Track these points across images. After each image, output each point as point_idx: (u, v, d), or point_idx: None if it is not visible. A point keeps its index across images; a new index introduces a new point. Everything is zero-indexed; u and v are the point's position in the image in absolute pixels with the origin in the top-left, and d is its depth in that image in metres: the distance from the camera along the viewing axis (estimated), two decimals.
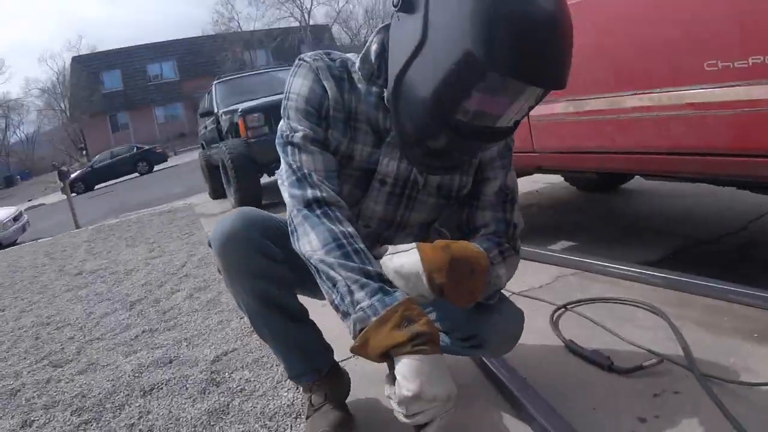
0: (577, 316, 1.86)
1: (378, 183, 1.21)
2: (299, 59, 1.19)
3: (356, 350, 0.96)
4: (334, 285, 0.99)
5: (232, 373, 1.91)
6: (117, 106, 35.33)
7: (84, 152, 32.65)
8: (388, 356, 0.94)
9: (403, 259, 1.06)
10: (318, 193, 1.07)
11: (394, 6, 1.00)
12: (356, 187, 1.21)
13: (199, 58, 35.98)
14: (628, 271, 2.07)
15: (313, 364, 1.35)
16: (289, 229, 1.08)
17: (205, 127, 7.63)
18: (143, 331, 2.52)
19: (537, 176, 3.94)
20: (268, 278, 1.22)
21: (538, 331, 1.76)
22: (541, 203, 3.76)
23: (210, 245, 1.24)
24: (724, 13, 1.46)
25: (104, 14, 74.01)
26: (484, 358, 1.54)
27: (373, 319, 0.93)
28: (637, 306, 1.85)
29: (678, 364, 1.45)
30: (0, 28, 77.09)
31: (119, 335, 2.56)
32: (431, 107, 0.97)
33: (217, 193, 7.20)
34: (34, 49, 73.54)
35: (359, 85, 1.17)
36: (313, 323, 1.38)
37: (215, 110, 6.75)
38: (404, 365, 0.92)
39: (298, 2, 34.61)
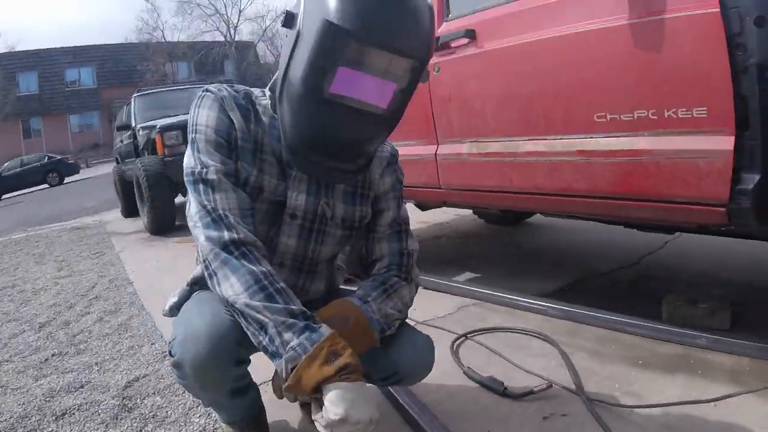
0: (476, 344, 2.00)
1: (289, 217, 1.23)
2: (203, 90, 1.18)
3: (290, 388, 1.00)
4: (262, 327, 1.01)
5: (144, 399, 1.90)
6: (31, 110, 33.22)
7: None
8: (318, 389, 0.99)
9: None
10: (235, 235, 1.07)
11: (282, 25, 1.06)
12: (268, 221, 1.23)
13: (120, 66, 34.65)
14: (525, 302, 2.25)
15: (248, 413, 1.42)
16: (207, 272, 1.08)
17: (121, 141, 7.37)
18: (53, 354, 2.45)
19: (447, 208, 4.15)
20: (240, 377, 1.26)
21: (439, 359, 1.85)
22: (449, 234, 3.95)
23: (171, 353, 1.16)
24: (615, 69, 1.65)
25: (25, 12, 69.68)
26: (396, 395, 1.62)
27: (303, 357, 0.98)
28: (532, 335, 2.01)
29: (567, 389, 1.60)
30: None
31: (28, 357, 2.47)
32: (303, 90, 1.03)
33: (130, 211, 6.95)
34: None
35: (264, 117, 1.20)
36: (253, 385, 1.42)
37: (133, 124, 6.55)
38: (332, 392, 0.98)
39: (225, 17, 34.22)
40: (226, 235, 1.07)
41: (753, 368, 1.53)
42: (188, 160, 1.15)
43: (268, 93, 1.22)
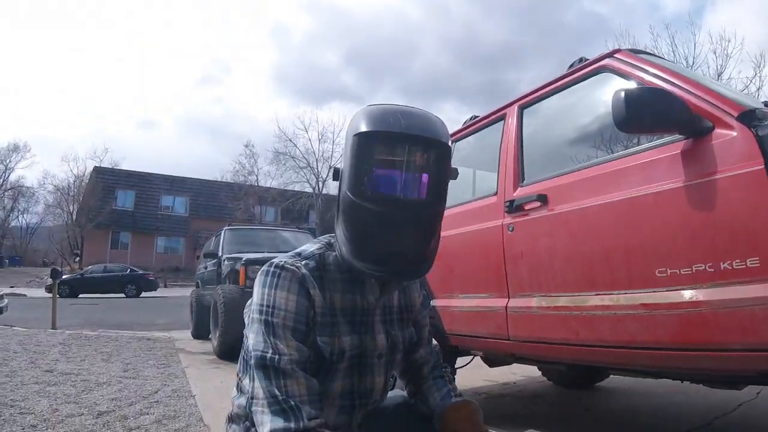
0: None
1: (377, 359, 1.33)
2: (276, 266, 1.19)
3: None
4: None
5: None
6: (123, 224, 35.93)
7: (77, 259, 32.38)
8: None
9: None
10: (300, 425, 1.07)
11: (333, 179, 1.23)
12: (351, 374, 1.29)
13: (212, 201, 37.25)
14: None
15: None
16: None
17: (205, 267, 7.87)
18: None
19: (516, 368, 4.11)
20: None
21: None
22: (515, 394, 3.87)
23: None
24: (673, 228, 1.78)
25: (134, 135, 78.14)
26: None
27: None
28: None
29: None
30: (33, 114, 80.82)
31: None
32: (350, 200, 1.15)
33: (200, 333, 7.23)
34: (60, 148, 76.71)
35: (336, 274, 1.26)
36: None
37: (219, 253, 7.05)
38: None
39: (315, 171, 36.66)
40: (292, 426, 1.07)
41: None
42: (257, 341, 1.14)
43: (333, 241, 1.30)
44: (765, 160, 1.56)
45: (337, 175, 1.22)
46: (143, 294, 21.92)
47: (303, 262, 1.22)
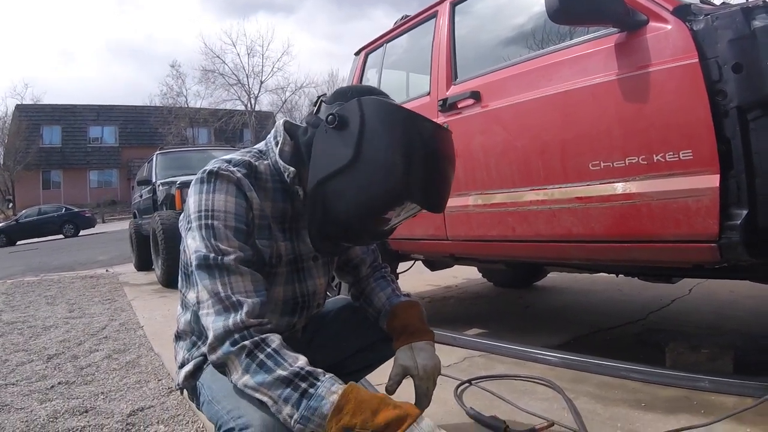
0: (479, 390, 2.03)
1: (312, 261, 1.36)
2: (209, 173, 1.16)
3: None
4: (268, 405, 1.02)
5: (147, 426, 1.93)
6: (52, 162, 34.12)
7: (10, 205, 30.91)
8: None
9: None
10: (244, 319, 1.06)
11: (328, 123, 1.11)
12: (291, 280, 1.33)
13: (142, 128, 35.62)
14: (529, 352, 2.29)
15: None
16: (211, 356, 1.08)
17: (140, 196, 7.60)
18: (59, 383, 2.49)
19: (457, 271, 4.24)
20: None
21: (443, 402, 1.91)
22: (458, 296, 4.00)
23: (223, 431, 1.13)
24: (607, 121, 1.79)
25: (54, 69, 72.51)
26: None
27: (317, 421, 0.97)
28: (535, 382, 2.04)
29: (569, 428, 1.63)
30: None
31: (35, 383, 2.52)
32: (354, 217, 1.12)
33: (143, 264, 7.09)
34: None
35: (268, 184, 1.24)
36: None
37: (153, 180, 6.81)
38: None
39: (246, 87, 35.40)
40: (231, 321, 1.05)
41: (757, 408, 1.54)
42: (198, 246, 1.12)
43: (275, 157, 1.26)
44: (699, 54, 1.55)
45: (343, 124, 1.11)
46: (82, 232, 21.24)
47: (235, 168, 1.19)
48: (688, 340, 2.10)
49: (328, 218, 1.15)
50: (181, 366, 1.35)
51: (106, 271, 7.74)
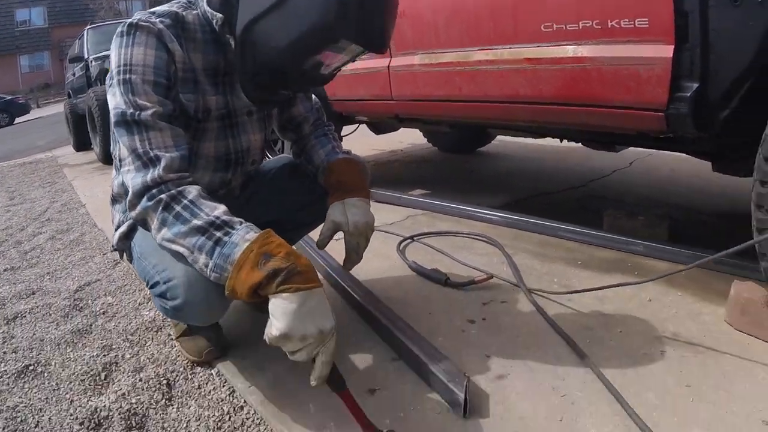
0: (422, 246, 2.08)
1: (246, 116, 1.31)
2: (129, 26, 1.09)
3: (231, 297, 0.99)
4: (185, 256, 1.00)
5: (95, 299, 1.94)
6: None
7: None
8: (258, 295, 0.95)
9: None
10: (162, 174, 1.03)
11: None
12: (223, 135, 1.28)
13: (72, 5, 32.91)
14: (471, 210, 2.34)
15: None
16: (132, 213, 1.06)
17: (73, 74, 7.15)
18: (4, 270, 2.43)
19: (402, 136, 4.22)
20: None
21: (387, 257, 1.95)
22: (403, 160, 4.01)
23: (166, 296, 1.13)
24: None
25: None
26: (342, 282, 1.68)
27: (230, 269, 0.94)
28: (476, 238, 2.09)
29: (507, 281, 1.70)
30: None
31: None
32: (286, 58, 1.05)
33: (81, 144, 6.79)
34: None
35: (197, 35, 1.18)
36: None
37: (86, 56, 6.39)
38: (272, 305, 0.93)
39: None
40: (156, 175, 1.02)
41: (688, 273, 1.62)
42: (117, 102, 1.07)
43: (203, 6, 1.18)
44: None
45: None
46: (17, 120, 19.96)
47: (158, 19, 1.12)
48: (626, 208, 2.16)
49: (259, 63, 1.09)
50: (117, 228, 1.33)
51: (48, 155, 7.41)
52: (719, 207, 2.36)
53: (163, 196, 1.01)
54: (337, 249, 1.39)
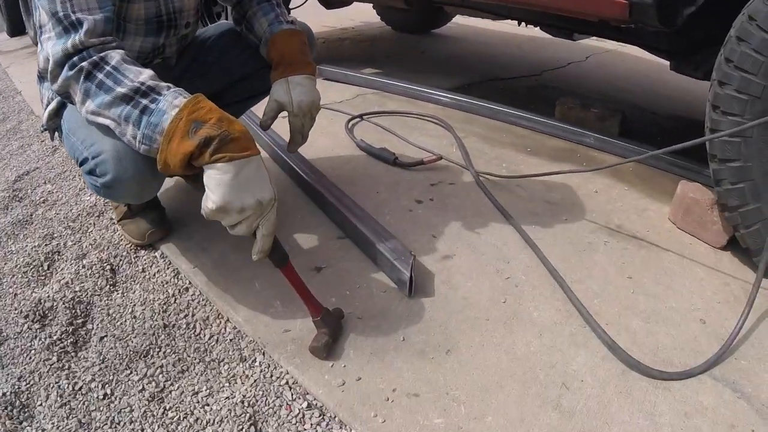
0: (371, 125, 2.03)
1: None
2: None
3: (163, 172, 0.92)
4: (112, 129, 0.94)
5: (34, 189, 1.85)
6: None
7: None
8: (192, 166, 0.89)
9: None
10: (83, 39, 0.93)
11: None
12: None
13: None
14: (422, 91, 2.28)
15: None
16: (54, 86, 0.97)
17: None
18: None
19: (354, 14, 4.02)
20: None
21: (335, 135, 1.91)
22: (354, 38, 3.84)
23: (96, 173, 1.05)
24: None
25: None
26: (288, 160, 1.64)
27: (159, 139, 0.88)
28: (426, 119, 2.06)
29: (456, 163, 1.69)
30: None
31: None
32: None
33: (16, 29, 6.23)
34: None
35: None
36: None
37: None
38: (207, 177, 0.87)
39: None
40: (77, 40, 0.93)
41: (635, 168, 1.64)
42: None
43: None
44: None
45: None
46: None
47: None
48: (578, 99, 2.15)
49: None
50: (47, 107, 1.23)
51: None
52: (674, 110, 2.37)
53: (84, 63, 0.91)
54: (283, 126, 1.34)
